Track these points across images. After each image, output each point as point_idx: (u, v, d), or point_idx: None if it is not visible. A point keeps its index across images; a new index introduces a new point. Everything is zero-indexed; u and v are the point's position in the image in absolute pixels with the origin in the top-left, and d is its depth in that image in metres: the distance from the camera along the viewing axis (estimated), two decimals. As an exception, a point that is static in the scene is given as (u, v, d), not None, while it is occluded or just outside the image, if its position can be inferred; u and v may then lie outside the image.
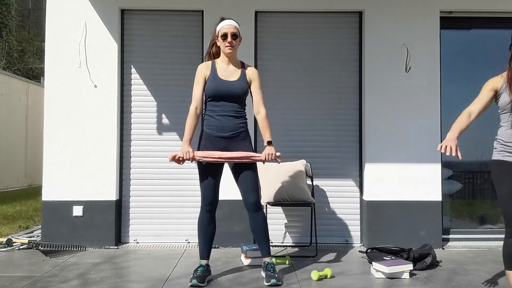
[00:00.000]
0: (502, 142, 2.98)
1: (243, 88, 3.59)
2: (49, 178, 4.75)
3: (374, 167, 4.82)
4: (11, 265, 3.97)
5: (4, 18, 14.60)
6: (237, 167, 3.59)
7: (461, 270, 3.91)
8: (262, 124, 3.60)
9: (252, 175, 3.56)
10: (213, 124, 3.57)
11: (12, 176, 11.08)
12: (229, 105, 3.57)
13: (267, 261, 3.57)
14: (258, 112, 3.62)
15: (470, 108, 3.02)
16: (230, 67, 3.63)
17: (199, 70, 3.63)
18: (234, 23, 3.59)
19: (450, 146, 2.83)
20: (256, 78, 3.65)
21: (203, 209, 3.60)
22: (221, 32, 3.56)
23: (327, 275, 3.62)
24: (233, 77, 3.60)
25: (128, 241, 4.92)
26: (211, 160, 3.45)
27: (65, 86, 4.79)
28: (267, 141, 3.56)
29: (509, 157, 2.94)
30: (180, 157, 3.46)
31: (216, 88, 3.54)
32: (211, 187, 3.57)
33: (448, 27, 5.00)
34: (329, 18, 5.04)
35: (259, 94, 3.65)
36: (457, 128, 2.95)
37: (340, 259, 4.27)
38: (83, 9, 4.81)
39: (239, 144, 3.58)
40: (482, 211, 5.06)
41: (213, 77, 3.58)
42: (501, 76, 3.03)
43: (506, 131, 2.96)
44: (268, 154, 3.49)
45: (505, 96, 2.94)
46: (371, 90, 4.85)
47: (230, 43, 3.53)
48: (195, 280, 3.38)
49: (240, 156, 3.46)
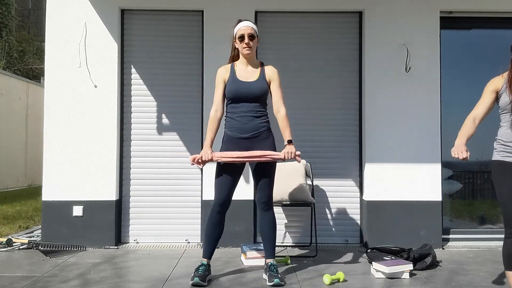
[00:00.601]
0: (502, 142, 2.98)
1: (263, 88, 3.59)
2: (49, 178, 4.75)
3: (374, 167, 4.82)
4: (11, 265, 3.97)
5: (4, 18, 14.60)
6: (259, 169, 3.59)
7: (461, 270, 3.91)
8: (282, 123, 3.60)
9: (269, 174, 3.58)
10: (234, 125, 3.58)
11: (12, 176, 11.08)
12: (250, 106, 3.57)
13: (270, 262, 3.57)
14: (278, 112, 3.61)
15: (474, 112, 3.04)
16: (249, 68, 3.64)
17: (219, 73, 3.65)
18: (251, 24, 3.59)
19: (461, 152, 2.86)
20: (275, 77, 3.65)
21: (214, 210, 3.58)
22: (238, 34, 3.56)
23: (339, 279, 3.51)
24: (252, 77, 3.60)
25: (128, 241, 4.92)
26: (230, 160, 3.44)
27: (65, 86, 4.79)
28: (287, 140, 3.56)
29: (509, 158, 2.94)
30: (199, 158, 3.46)
31: (236, 90, 3.55)
32: (226, 188, 3.55)
33: (448, 27, 5.00)
34: (329, 18, 5.04)
35: (279, 93, 3.64)
36: (464, 135, 2.98)
37: (340, 259, 4.27)
38: (83, 9, 4.81)
39: (261, 143, 3.58)
40: (482, 211, 5.06)
41: (232, 79, 3.59)
42: (502, 76, 3.03)
43: (506, 131, 2.96)
44: (288, 153, 3.47)
45: (505, 96, 2.95)
46: (371, 90, 4.85)
47: (248, 44, 3.54)
48: (197, 279, 3.38)
49: (259, 155, 3.45)
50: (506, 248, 2.88)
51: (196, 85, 4.98)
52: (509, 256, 2.87)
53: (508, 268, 2.89)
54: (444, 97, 4.98)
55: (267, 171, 3.58)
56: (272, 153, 3.48)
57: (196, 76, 4.97)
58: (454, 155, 2.87)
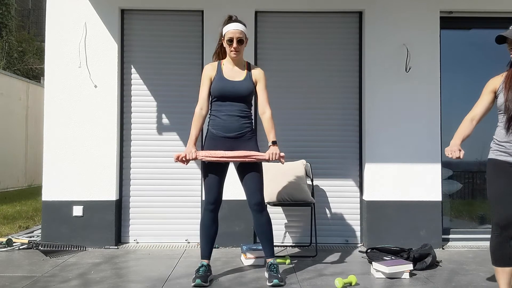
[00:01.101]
0: (497, 142, 3.02)
1: (249, 88, 3.59)
2: (49, 178, 4.75)
3: (374, 167, 4.82)
4: (11, 265, 3.97)
5: (4, 18, 14.60)
6: (243, 168, 3.58)
7: (461, 270, 3.91)
8: (267, 124, 3.58)
9: (257, 176, 3.56)
10: (219, 124, 3.57)
11: (12, 176, 11.08)
12: (235, 105, 3.57)
13: (271, 261, 3.57)
14: (264, 113, 3.60)
15: (472, 113, 3.07)
16: (236, 68, 3.64)
17: (205, 71, 3.64)
18: (241, 26, 3.56)
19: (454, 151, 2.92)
20: (261, 78, 3.65)
21: (206, 209, 3.60)
22: (227, 36, 3.55)
23: (351, 283, 3.44)
24: (239, 77, 3.60)
25: (128, 241, 4.92)
26: (214, 159, 3.44)
27: (65, 86, 4.79)
28: (272, 141, 3.54)
29: (502, 156, 2.98)
30: (183, 157, 3.46)
31: (221, 88, 3.55)
32: (214, 187, 3.56)
33: (448, 27, 5.00)
34: (329, 18, 5.04)
35: (264, 95, 3.64)
36: (459, 135, 3.02)
37: (340, 259, 4.27)
38: (83, 9, 4.81)
39: (244, 144, 3.57)
40: (482, 211, 5.06)
41: (218, 77, 3.58)
42: (501, 76, 3.05)
43: (501, 131, 3.00)
44: (272, 154, 3.46)
45: (501, 96, 2.98)
46: (371, 90, 4.85)
47: (236, 48, 3.54)
48: (199, 280, 3.38)
49: (244, 155, 3.45)
50: (493, 245, 2.96)
51: (196, 85, 4.96)
52: (495, 253, 2.95)
53: (495, 263, 2.97)
54: (444, 97, 4.98)
55: (254, 173, 3.55)
56: (257, 153, 3.47)
57: (196, 76, 4.97)
58: (447, 154, 2.94)
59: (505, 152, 2.96)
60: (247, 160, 3.47)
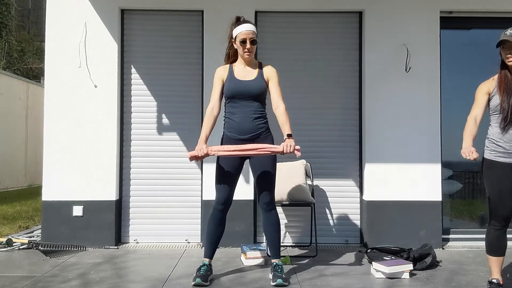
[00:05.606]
0: (494, 142, 3.21)
1: (261, 86, 3.57)
2: (49, 178, 4.75)
3: (374, 167, 4.82)
4: (11, 265, 3.97)
5: (4, 18, 14.60)
6: (257, 164, 3.54)
7: (461, 270, 3.91)
8: (282, 117, 3.53)
9: (270, 174, 3.55)
10: (233, 126, 3.57)
11: (12, 176, 11.08)
12: (248, 106, 3.56)
13: (275, 262, 3.57)
14: (277, 107, 3.56)
15: (474, 113, 3.25)
16: (248, 68, 3.63)
17: (217, 72, 3.65)
18: (252, 27, 3.55)
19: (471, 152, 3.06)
20: (273, 76, 3.64)
21: (215, 208, 3.58)
22: (240, 37, 3.52)
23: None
24: (250, 76, 3.60)
25: (128, 241, 4.92)
26: (227, 154, 3.37)
27: (65, 86, 4.79)
28: (287, 134, 3.47)
29: (499, 158, 3.18)
30: (195, 155, 3.39)
31: (233, 88, 3.54)
32: (227, 186, 3.54)
33: (448, 27, 5.00)
34: (329, 18, 5.04)
35: (277, 91, 3.62)
36: (469, 136, 3.19)
37: (340, 259, 4.27)
38: (83, 9, 4.81)
39: (260, 144, 3.50)
40: (482, 211, 5.06)
41: (230, 78, 3.59)
42: (493, 79, 3.28)
43: (497, 131, 3.20)
44: (287, 146, 3.36)
45: (496, 98, 3.19)
46: (371, 90, 4.85)
47: (249, 49, 3.53)
48: (199, 279, 3.38)
49: (257, 148, 3.36)
50: (491, 237, 3.19)
51: (196, 85, 4.98)
52: (491, 244, 3.19)
53: (489, 253, 3.21)
54: (444, 97, 4.98)
55: (267, 172, 3.55)
56: (270, 146, 3.39)
57: (196, 76, 4.97)
58: (465, 156, 3.08)
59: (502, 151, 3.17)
60: (261, 153, 3.38)
